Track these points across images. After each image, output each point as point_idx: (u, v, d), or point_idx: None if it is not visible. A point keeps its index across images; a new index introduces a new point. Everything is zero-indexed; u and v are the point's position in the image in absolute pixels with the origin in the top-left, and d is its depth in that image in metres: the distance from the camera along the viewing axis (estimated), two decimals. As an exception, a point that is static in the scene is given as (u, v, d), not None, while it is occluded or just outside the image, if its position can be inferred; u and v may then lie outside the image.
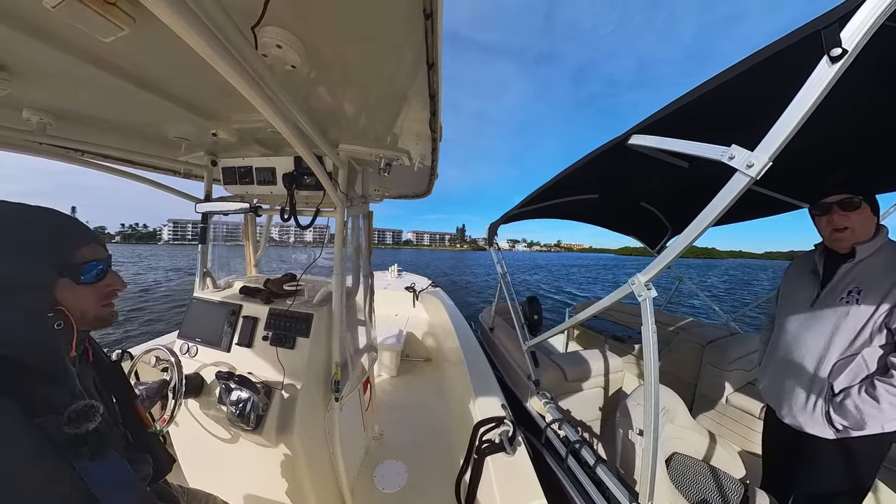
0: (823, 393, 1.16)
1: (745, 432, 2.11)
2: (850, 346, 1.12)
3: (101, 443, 0.55)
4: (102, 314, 0.64)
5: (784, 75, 0.76)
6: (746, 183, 0.75)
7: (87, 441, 0.52)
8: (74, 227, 0.60)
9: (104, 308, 0.64)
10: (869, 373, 1.10)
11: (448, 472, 1.73)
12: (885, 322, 1.06)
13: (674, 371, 2.55)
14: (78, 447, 0.51)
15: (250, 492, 1.44)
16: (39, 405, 0.50)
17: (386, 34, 0.70)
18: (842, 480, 1.19)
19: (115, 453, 0.58)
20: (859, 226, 1.14)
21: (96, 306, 0.62)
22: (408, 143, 1.47)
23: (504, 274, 2.52)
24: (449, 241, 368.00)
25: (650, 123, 1.11)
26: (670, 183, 2.11)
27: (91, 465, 0.52)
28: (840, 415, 1.11)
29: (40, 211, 0.57)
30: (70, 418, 0.51)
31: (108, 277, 0.64)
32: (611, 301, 1.20)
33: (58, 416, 0.51)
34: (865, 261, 1.14)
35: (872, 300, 1.08)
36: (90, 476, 0.52)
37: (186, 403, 1.38)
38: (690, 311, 6.55)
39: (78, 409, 0.53)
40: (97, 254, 0.62)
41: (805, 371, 1.21)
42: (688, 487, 1.44)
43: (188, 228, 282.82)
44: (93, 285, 0.61)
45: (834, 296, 1.18)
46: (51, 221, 0.58)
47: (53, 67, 0.84)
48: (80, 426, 0.52)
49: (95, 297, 0.62)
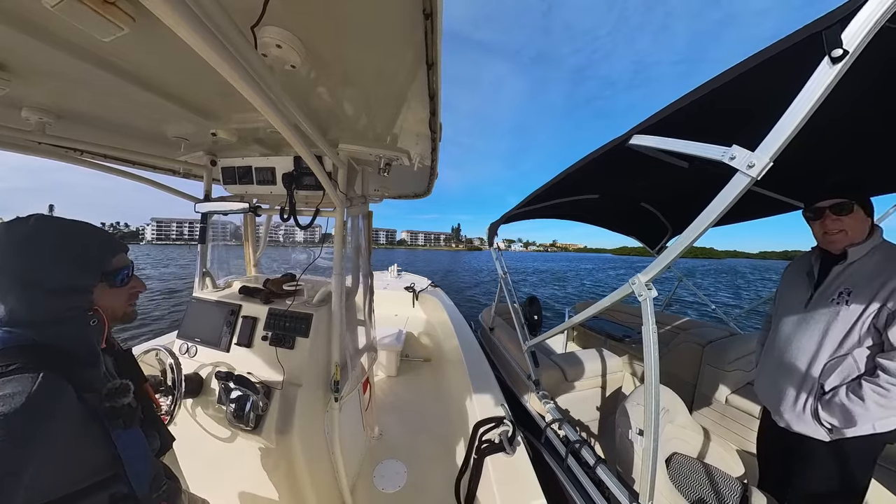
0: (814, 392, 1.18)
1: (744, 432, 2.11)
2: (840, 347, 1.14)
3: (132, 415, 0.69)
4: (128, 311, 0.76)
5: (785, 76, 0.76)
6: (747, 183, 0.75)
7: (122, 413, 0.65)
8: (108, 239, 0.70)
9: (130, 307, 0.76)
10: (859, 373, 1.11)
11: (448, 471, 1.73)
12: (874, 322, 1.08)
13: (673, 371, 2.56)
14: (115, 417, 0.64)
15: (250, 492, 1.44)
16: (84, 385, 0.61)
17: (386, 34, 0.70)
18: (835, 481, 1.20)
19: (137, 424, 0.71)
20: (852, 229, 1.15)
21: (124, 305, 0.74)
22: (407, 143, 1.46)
23: (504, 274, 2.52)
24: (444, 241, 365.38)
25: (651, 124, 1.11)
26: (671, 183, 2.10)
27: (122, 433, 0.65)
28: (828, 413, 1.13)
29: (82, 226, 0.67)
30: (108, 394, 0.64)
31: (133, 280, 0.76)
32: (611, 301, 1.20)
33: (97, 394, 0.63)
34: (857, 262, 1.15)
35: (861, 301, 1.09)
36: (120, 441, 0.64)
37: (186, 403, 1.38)
38: (690, 312, 6.56)
39: (115, 387, 0.65)
40: (125, 261, 0.73)
41: (797, 371, 1.22)
42: (687, 487, 1.44)
43: (172, 228, 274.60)
44: (122, 288, 0.73)
45: (826, 297, 1.19)
46: (91, 235, 0.67)
47: (53, 67, 0.84)
48: (116, 401, 0.65)
49: (124, 297, 0.74)
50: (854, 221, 1.15)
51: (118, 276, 0.70)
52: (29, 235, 0.59)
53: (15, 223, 0.60)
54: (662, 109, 1.06)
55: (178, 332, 1.55)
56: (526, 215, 2.78)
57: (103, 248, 0.68)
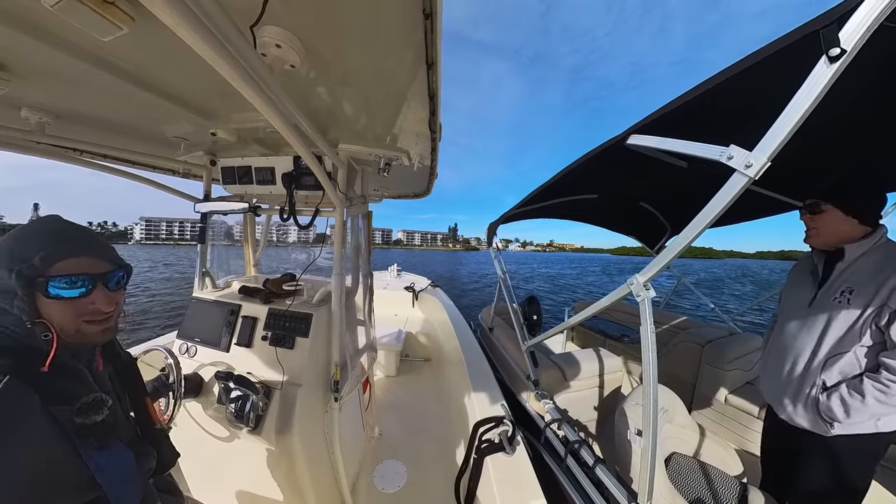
0: (815, 387, 1.20)
1: (743, 432, 2.11)
2: (841, 344, 1.16)
3: (105, 433, 0.60)
4: (84, 330, 0.61)
5: (783, 75, 0.76)
6: (745, 183, 0.75)
7: (94, 431, 0.58)
8: (57, 239, 0.58)
9: (86, 325, 0.61)
10: (861, 370, 1.13)
11: (448, 471, 1.73)
12: (875, 320, 1.10)
13: (673, 371, 2.56)
14: (85, 436, 0.57)
15: (250, 492, 1.43)
16: (55, 395, 0.55)
17: (386, 34, 0.70)
18: (836, 479, 1.21)
19: (118, 443, 0.63)
20: (823, 228, 1.23)
21: (74, 321, 0.60)
22: (407, 143, 1.46)
23: (504, 274, 2.52)
24: (441, 241, 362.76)
25: (649, 123, 1.11)
26: (669, 183, 2.11)
27: (96, 452, 0.57)
28: (827, 408, 1.15)
29: (40, 224, 0.59)
30: (80, 409, 0.57)
31: (93, 295, 0.61)
32: (610, 301, 1.20)
33: (70, 407, 0.56)
34: (858, 261, 1.18)
35: (862, 299, 1.12)
36: (94, 462, 0.57)
37: (185, 404, 1.38)
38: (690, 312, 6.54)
39: (88, 402, 0.58)
40: (80, 268, 0.59)
41: (799, 366, 1.25)
42: (686, 487, 1.44)
43: (162, 227, 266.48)
44: (69, 301, 0.58)
45: (829, 295, 1.22)
46: (39, 234, 0.58)
47: (52, 67, 0.84)
48: (88, 417, 0.57)
49: (72, 312, 0.59)
50: (825, 221, 1.22)
51: (52, 285, 0.56)
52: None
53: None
54: (660, 108, 1.06)
55: (177, 332, 1.55)
56: (525, 215, 2.78)
57: (33, 248, 0.56)
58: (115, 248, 0.68)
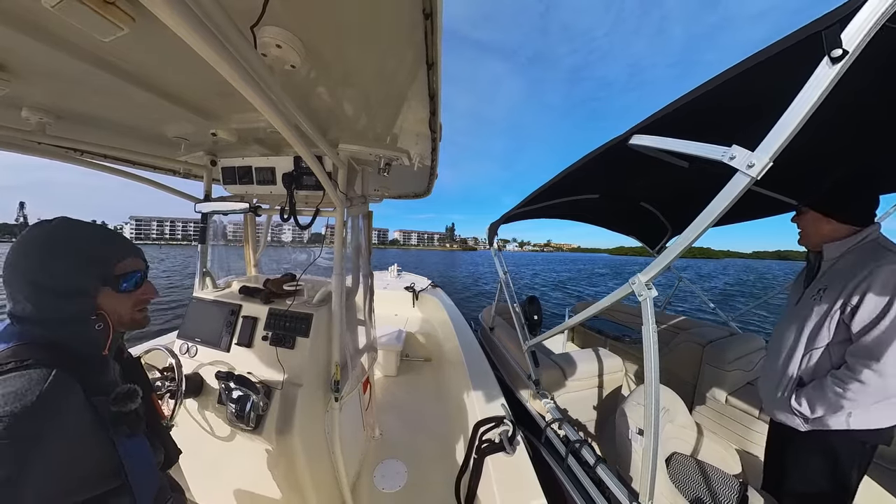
0: (792, 383, 1.26)
1: (744, 432, 2.11)
2: (815, 341, 1.21)
3: (137, 422, 0.67)
4: (137, 318, 0.73)
5: (785, 76, 0.76)
6: (747, 183, 0.75)
7: (127, 419, 0.64)
8: (118, 242, 0.69)
9: (138, 313, 0.73)
10: (832, 366, 1.18)
11: (448, 471, 1.73)
12: (842, 317, 1.14)
13: (673, 371, 2.56)
14: (120, 423, 0.63)
15: (250, 491, 1.44)
16: (94, 387, 0.61)
17: (386, 34, 0.70)
18: (812, 478, 1.26)
19: (142, 434, 0.69)
20: (805, 229, 1.32)
21: (131, 311, 0.71)
22: (407, 143, 1.46)
23: (505, 275, 2.52)
24: (438, 241, 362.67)
25: (650, 123, 1.11)
26: (670, 183, 2.11)
27: (126, 439, 0.64)
28: (797, 402, 1.21)
29: (92, 229, 0.66)
30: (116, 399, 0.63)
31: (144, 287, 0.73)
32: (611, 301, 1.20)
33: (106, 397, 0.62)
34: (839, 261, 1.22)
35: (831, 297, 1.16)
36: (124, 448, 0.63)
37: (186, 403, 1.38)
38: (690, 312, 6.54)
39: (123, 392, 0.64)
40: (136, 265, 0.71)
41: (781, 364, 1.30)
42: (687, 487, 1.44)
43: (152, 227, 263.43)
44: (130, 293, 0.70)
45: (809, 294, 1.27)
46: (98, 238, 0.66)
47: (53, 67, 0.83)
48: (124, 405, 0.63)
49: (131, 303, 0.71)
50: (806, 223, 1.30)
51: (123, 281, 0.68)
52: (38, 237, 0.60)
53: (35, 226, 0.62)
54: (662, 108, 1.06)
55: (178, 332, 1.55)
56: (526, 215, 2.78)
57: (109, 251, 0.67)
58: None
